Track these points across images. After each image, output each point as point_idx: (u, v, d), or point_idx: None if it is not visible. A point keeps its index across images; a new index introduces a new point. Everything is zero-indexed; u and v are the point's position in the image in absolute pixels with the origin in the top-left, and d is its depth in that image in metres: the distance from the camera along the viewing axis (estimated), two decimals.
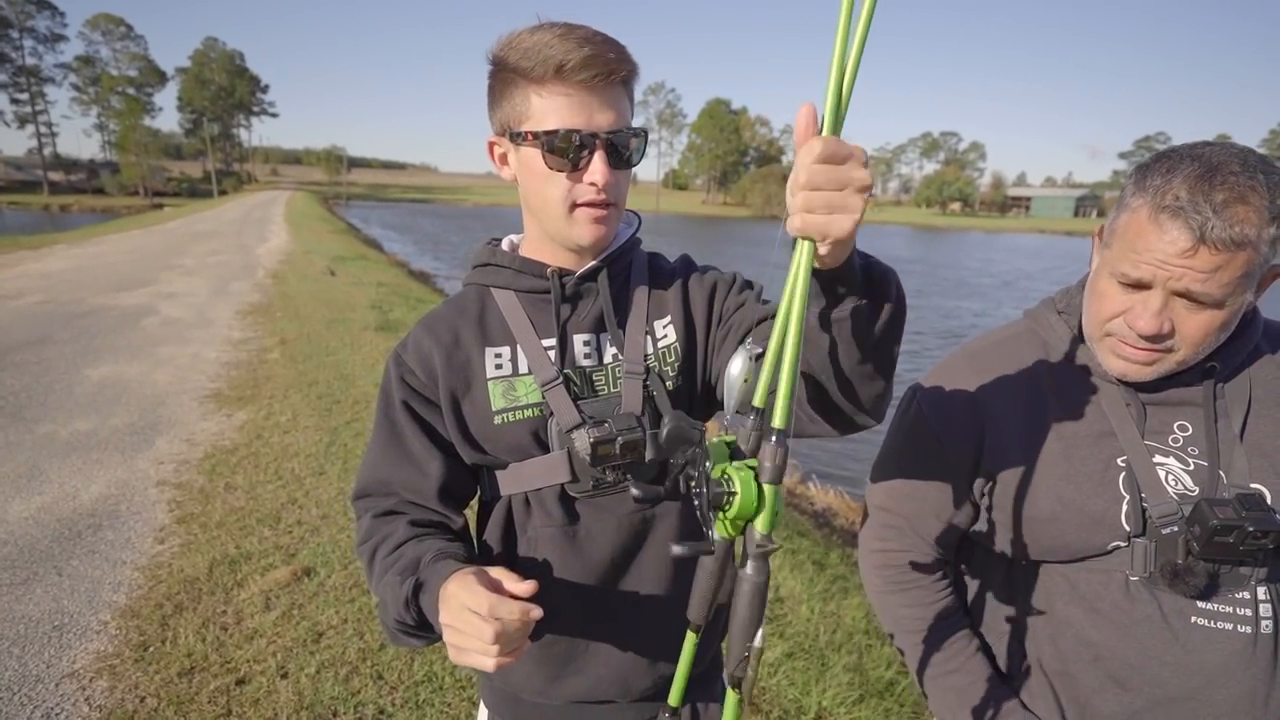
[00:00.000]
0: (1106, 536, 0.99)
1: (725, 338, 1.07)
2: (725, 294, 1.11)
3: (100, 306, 9.40)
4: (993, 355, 1.12)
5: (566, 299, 1.06)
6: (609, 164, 0.94)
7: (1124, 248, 0.93)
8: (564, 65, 0.90)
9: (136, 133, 74.43)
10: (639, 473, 1.03)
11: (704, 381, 1.10)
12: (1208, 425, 0.99)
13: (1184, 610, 0.96)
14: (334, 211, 48.98)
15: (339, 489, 4.08)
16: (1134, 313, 0.94)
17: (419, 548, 0.97)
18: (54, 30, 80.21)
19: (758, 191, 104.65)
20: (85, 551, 3.35)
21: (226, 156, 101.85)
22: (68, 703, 2.38)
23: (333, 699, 2.42)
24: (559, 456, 1.01)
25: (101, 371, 6.36)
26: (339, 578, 3.17)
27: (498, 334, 1.05)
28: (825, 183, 0.63)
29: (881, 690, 2.66)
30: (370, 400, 5.61)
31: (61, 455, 4.47)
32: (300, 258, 16.91)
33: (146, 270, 13.44)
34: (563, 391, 1.01)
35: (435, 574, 0.89)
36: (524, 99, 0.94)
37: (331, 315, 9.37)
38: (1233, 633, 0.95)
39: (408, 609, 0.90)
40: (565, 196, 0.96)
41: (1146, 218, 0.90)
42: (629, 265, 1.12)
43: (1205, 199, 0.85)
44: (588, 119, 0.93)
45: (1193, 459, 0.99)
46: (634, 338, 1.06)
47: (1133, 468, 0.99)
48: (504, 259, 1.07)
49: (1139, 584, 0.98)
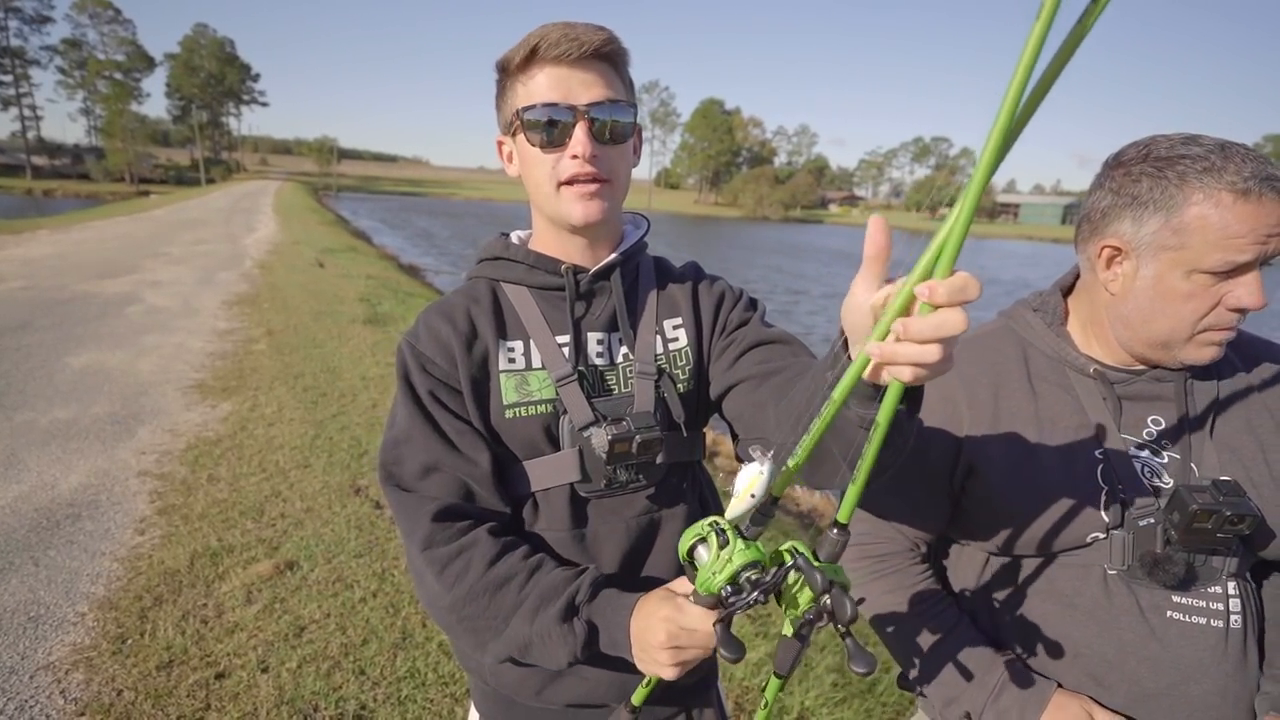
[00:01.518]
0: (1085, 528, 1.00)
1: (725, 350, 1.08)
2: (731, 306, 1.12)
3: (83, 294, 9.27)
4: (970, 351, 1.13)
5: (580, 296, 1.05)
6: (592, 137, 0.94)
7: (1215, 239, 0.89)
8: (539, 47, 0.92)
9: (123, 118, 73.44)
10: (650, 473, 1.03)
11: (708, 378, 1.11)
12: (1180, 420, 1.01)
13: (1160, 605, 0.98)
14: (323, 203, 48.58)
15: (324, 482, 4.04)
16: (1238, 294, 0.91)
17: (552, 577, 0.93)
18: (40, 12, 79.02)
19: (749, 192, 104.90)
20: (63, 542, 3.30)
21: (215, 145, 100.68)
22: (42, 695, 2.35)
23: (314, 694, 2.40)
24: (570, 454, 1.00)
25: (83, 359, 6.27)
26: (322, 572, 3.14)
27: (512, 327, 1.04)
28: (933, 334, 0.58)
29: (864, 691, 2.67)
30: (357, 394, 5.57)
31: (40, 444, 4.40)
32: (289, 248, 16.76)
33: (131, 258, 13.26)
34: (576, 388, 1.00)
35: (607, 611, 0.90)
36: (513, 91, 0.97)
37: (319, 307, 9.29)
38: (1206, 627, 0.97)
39: (577, 655, 0.91)
40: (551, 174, 0.96)
41: (1232, 202, 0.88)
42: (637, 267, 1.12)
43: (1270, 166, 0.88)
44: (566, 93, 0.93)
45: (1166, 452, 1.01)
46: (645, 338, 1.06)
47: (1110, 460, 1.01)
48: (517, 254, 1.06)
49: (1116, 578, 1.00)
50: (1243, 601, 0.98)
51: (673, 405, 1.04)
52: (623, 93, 0.98)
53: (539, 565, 0.96)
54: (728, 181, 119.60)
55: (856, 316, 0.66)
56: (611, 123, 0.95)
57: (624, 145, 0.99)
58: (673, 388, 1.04)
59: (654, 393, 1.03)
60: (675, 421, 1.04)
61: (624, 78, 0.99)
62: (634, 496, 1.04)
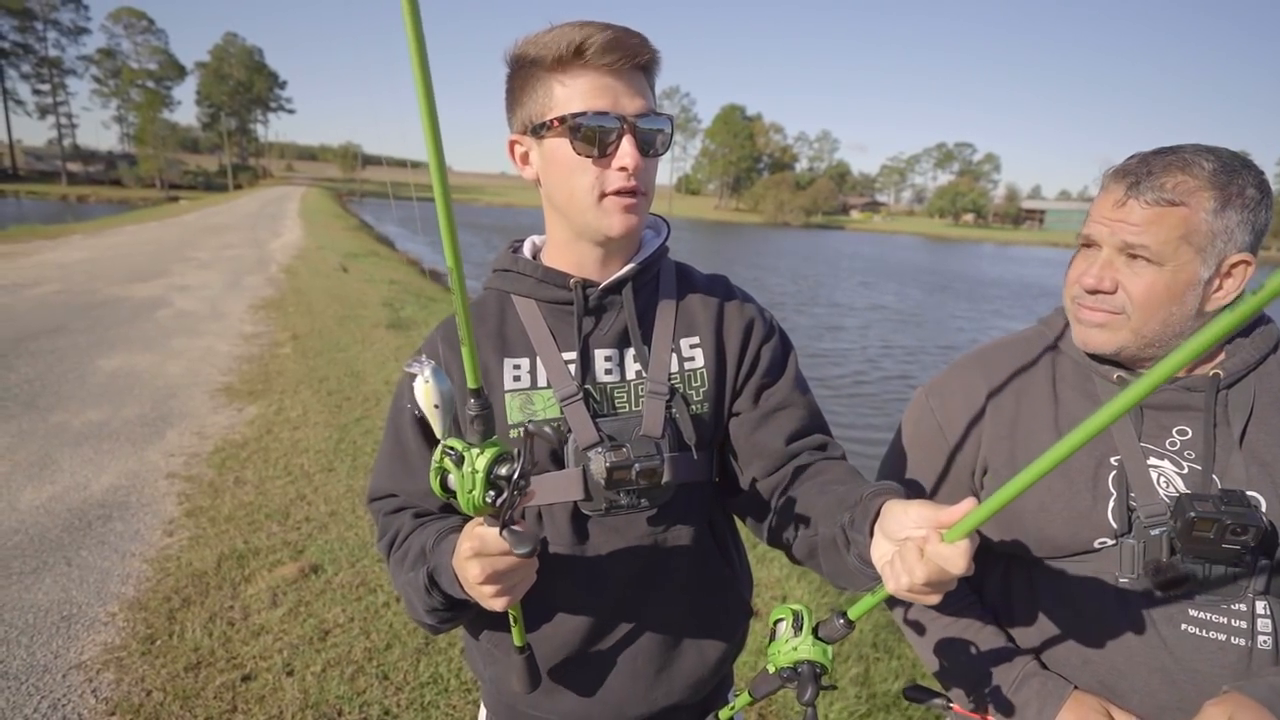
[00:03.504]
0: (1092, 533, 1.00)
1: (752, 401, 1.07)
2: (762, 339, 1.09)
3: (115, 297, 9.48)
4: (1000, 354, 1.15)
5: (589, 311, 1.02)
6: (638, 149, 0.91)
7: (1088, 217, 1.02)
8: (586, 49, 0.88)
9: (155, 125, 75.23)
10: (655, 495, 0.99)
11: (729, 415, 1.08)
12: (1206, 431, 0.99)
13: (1174, 617, 0.97)
14: (347, 208, 49.22)
15: (347, 486, 4.08)
16: (1084, 270, 1.01)
17: (422, 535, 0.98)
18: (77, 23, 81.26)
19: (770, 198, 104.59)
20: (95, 542, 3.36)
21: (243, 151, 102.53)
22: (74, 694, 2.39)
23: (338, 698, 2.41)
24: (574, 474, 0.98)
25: (114, 362, 6.40)
26: (346, 575, 3.17)
27: (517, 344, 1.02)
28: (940, 582, 0.72)
29: (889, 704, 2.63)
30: (380, 398, 5.62)
31: (73, 445, 4.49)
32: (313, 253, 17.01)
33: (161, 262, 13.55)
34: (582, 408, 0.98)
35: (442, 555, 0.89)
36: (546, 90, 0.92)
37: (343, 311, 9.42)
38: (1225, 644, 0.95)
39: (430, 596, 0.91)
40: (594, 185, 0.93)
41: (1101, 186, 1.01)
42: (656, 275, 1.08)
43: (1146, 165, 0.96)
44: (614, 102, 0.90)
45: (1187, 463, 1.00)
46: (659, 355, 1.03)
47: (1125, 467, 1.00)
48: (526, 267, 1.04)
49: (1129, 588, 0.99)
50: (1274, 621, 0.95)
51: (684, 426, 1.00)
52: (654, 103, 0.96)
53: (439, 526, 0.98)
54: (748, 187, 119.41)
55: (894, 526, 0.76)
56: (655, 134, 0.94)
57: (660, 157, 0.97)
58: (685, 408, 1.01)
59: (664, 413, 0.99)
60: (685, 443, 1.01)
61: (654, 87, 0.97)
62: (637, 517, 1.01)
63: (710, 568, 1.09)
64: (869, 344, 14.48)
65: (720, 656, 1.11)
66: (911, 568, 0.72)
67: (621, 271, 1.02)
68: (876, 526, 0.80)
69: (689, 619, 1.08)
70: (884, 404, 9.93)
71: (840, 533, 0.87)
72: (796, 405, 1.08)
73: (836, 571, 0.93)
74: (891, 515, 0.77)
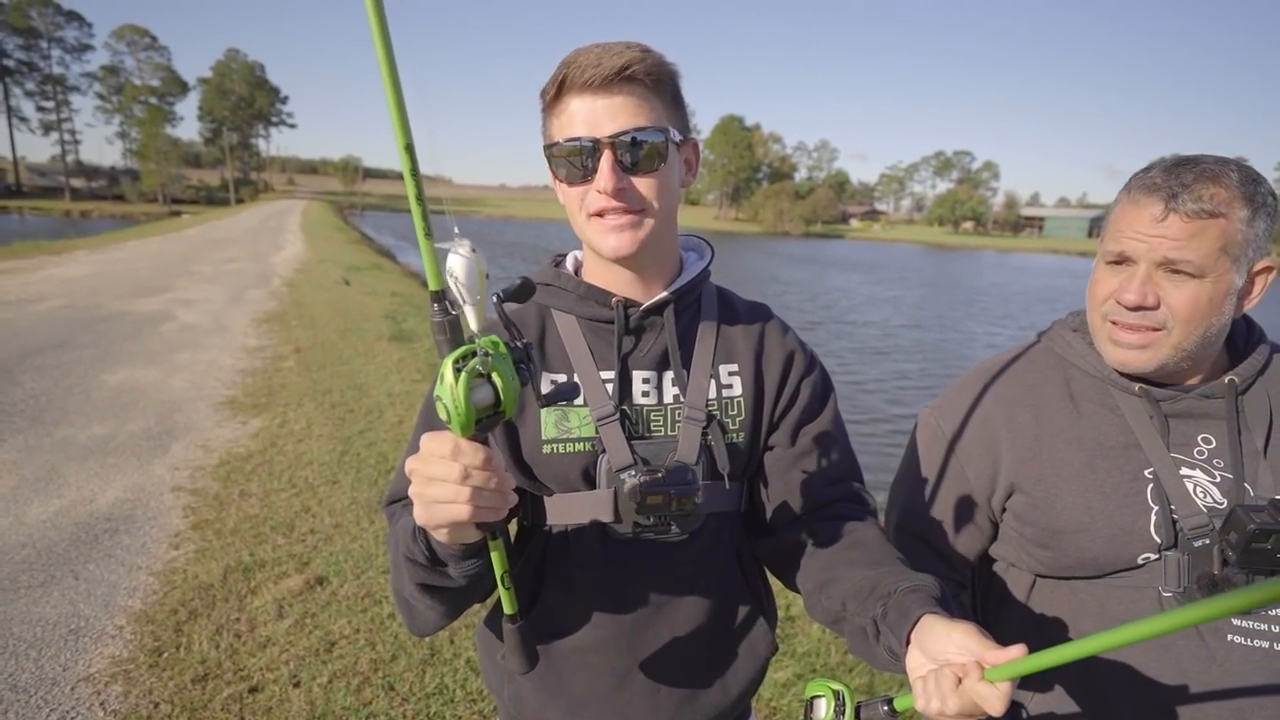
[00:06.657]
0: (1136, 549, 0.99)
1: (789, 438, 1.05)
2: (802, 372, 1.08)
3: (119, 312, 9.52)
4: (1009, 372, 1.14)
5: (630, 331, 1.02)
6: (618, 169, 0.90)
7: (1111, 232, 1.01)
8: (567, 79, 0.90)
9: (157, 141, 75.52)
10: (685, 523, 0.97)
11: (764, 448, 1.07)
12: (1231, 438, 0.99)
13: (1219, 628, 0.95)
14: (348, 221, 49.43)
15: (352, 498, 4.10)
16: (1121, 287, 0.99)
17: None
18: (81, 40, 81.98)
19: (769, 208, 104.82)
20: (102, 556, 3.38)
21: (244, 165, 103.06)
22: (83, 706, 2.40)
23: (344, 709, 2.42)
24: (605, 495, 0.97)
25: (119, 376, 6.43)
26: (351, 587, 3.18)
27: (556, 360, 1.01)
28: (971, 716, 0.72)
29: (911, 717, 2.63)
30: (383, 410, 5.65)
31: (79, 459, 4.52)
32: (315, 266, 17.08)
33: (164, 276, 13.61)
34: (617, 429, 0.97)
35: None
36: (546, 124, 0.97)
37: (345, 324, 9.45)
38: (1270, 651, 0.94)
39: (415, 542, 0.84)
40: (581, 207, 0.95)
41: (1126, 200, 1.00)
42: (698, 299, 1.07)
43: (1176, 178, 0.95)
44: (591, 126, 0.90)
45: (1219, 471, 0.99)
46: (697, 380, 1.01)
47: (1160, 479, 0.99)
48: (568, 282, 1.03)
49: (1173, 600, 0.97)
50: None
51: (718, 454, 0.99)
52: (658, 115, 0.92)
53: None
54: (748, 197, 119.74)
55: (934, 645, 0.76)
56: (639, 151, 0.91)
57: (657, 172, 0.93)
58: (721, 437, 0.99)
59: (700, 440, 0.98)
60: (719, 471, 0.99)
61: (663, 97, 0.94)
62: (667, 544, 1.00)
63: (736, 596, 1.08)
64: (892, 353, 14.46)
65: (742, 691, 1.09)
66: (945, 696, 0.71)
67: (663, 293, 1.02)
68: (914, 637, 0.79)
69: (714, 649, 1.06)
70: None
71: (871, 624, 0.86)
72: (833, 450, 1.07)
73: (861, 652, 0.92)
74: (933, 635, 0.76)
